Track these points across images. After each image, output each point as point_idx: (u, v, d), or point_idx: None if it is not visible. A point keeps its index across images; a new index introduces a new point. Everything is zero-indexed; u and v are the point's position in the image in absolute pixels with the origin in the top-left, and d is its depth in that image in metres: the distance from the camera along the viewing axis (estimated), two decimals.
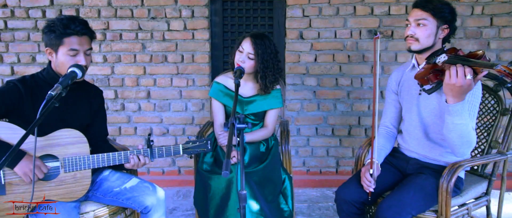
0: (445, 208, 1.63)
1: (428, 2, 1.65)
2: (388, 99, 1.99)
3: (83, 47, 1.63)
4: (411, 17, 1.69)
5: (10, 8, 3.08)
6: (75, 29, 1.59)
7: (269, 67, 2.00)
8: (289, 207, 2.07)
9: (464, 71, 1.38)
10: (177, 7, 3.07)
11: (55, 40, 1.60)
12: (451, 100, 1.47)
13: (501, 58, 3.02)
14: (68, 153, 1.62)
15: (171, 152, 1.73)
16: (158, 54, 3.14)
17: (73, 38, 1.60)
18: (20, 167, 1.52)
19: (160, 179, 3.26)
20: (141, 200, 1.74)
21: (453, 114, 1.49)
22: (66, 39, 1.59)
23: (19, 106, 1.61)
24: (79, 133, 1.65)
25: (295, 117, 3.19)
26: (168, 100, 3.21)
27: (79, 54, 1.62)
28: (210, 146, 1.76)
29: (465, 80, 1.38)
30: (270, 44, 2.01)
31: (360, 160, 2.06)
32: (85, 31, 1.63)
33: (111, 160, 1.67)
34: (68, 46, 1.60)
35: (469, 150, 1.60)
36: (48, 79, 1.68)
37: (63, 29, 1.58)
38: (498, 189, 1.94)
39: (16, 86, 1.62)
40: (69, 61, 1.61)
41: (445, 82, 1.44)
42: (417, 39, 1.67)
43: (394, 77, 1.96)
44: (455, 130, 1.52)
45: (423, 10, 1.65)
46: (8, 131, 1.56)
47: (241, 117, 1.38)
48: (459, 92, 1.43)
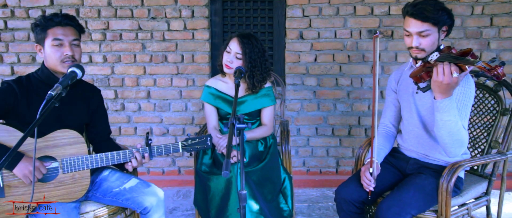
0: (445, 208, 1.63)
1: (425, 11, 1.59)
2: (388, 98, 1.99)
3: (68, 37, 1.63)
4: (411, 29, 1.63)
5: (10, 8, 3.08)
6: (56, 20, 1.61)
7: (256, 66, 2.01)
8: (289, 207, 2.07)
9: (450, 69, 1.42)
10: (177, 7, 3.07)
11: (40, 34, 1.62)
12: (438, 97, 1.51)
13: (501, 58, 3.02)
14: (66, 153, 1.62)
15: (171, 149, 1.72)
16: (158, 54, 3.14)
17: (56, 29, 1.62)
18: (19, 168, 1.51)
19: (160, 179, 3.26)
20: (140, 201, 1.74)
21: (441, 110, 1.52)
22: (49, 31, 1.61)
23: (14, 107, 1.61)
24: (76, 133, 1.65)
25: (295, 117, 3.19)
26: (168, 100, 3.21)
27: (64, 44, 1.62)
28: (209, 143, 1.74)
29: (452, 78, 1.42)
30: (257, 43, 2.02)
31: (360, 160, 2.06)
32: (67, 22, 1.64)
33: (110, 160, 1.67)
34: (52, 36, 1.61)
35: (460, 150, 1.60)
36: (43, 79, 1.68)
37: (45, 22, 1.61)
38: (498, 189, 1.94)
39: (11, 87, 1.62)
40: (55, 52, 1.62)
41: (432, 80, 1.48)
42: (423, 49, 1.65)
43: (394, 76, 1.96)
44: (444, 127, 1.54)
45: (423, 21, 1.60)
46: (4, 134, 1.56)
47: (241, 117, 1.39)
48: (446, 89, 1.47)
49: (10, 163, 1.50)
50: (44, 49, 1.64)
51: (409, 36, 1.67)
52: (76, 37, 1.67)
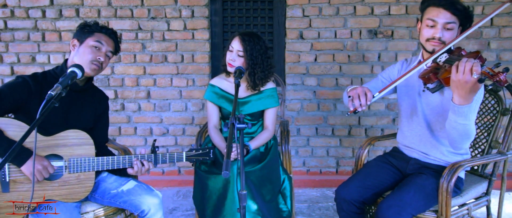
0: (445, 208, 1.63)
1: (457, 4, 1.61)
2: (379, 77, 1.97)
3: (107, 46, 1.74)
4: (439, 19, 1.62)
5: (10, 8, 3.08)
6: (107, 31, 1.76)
7: (258, 63, 2.00)
8: (288, 208, 2.07)
9: (472, 68, 1.33)
10: (177, 7, 3.07)
11: (86, 33, 1.72)
12: (456, 100, 1.44)
13: (501, 58, 3.03)
14: (74, 154, 1.64)
15: (175, 158, 1.79)
16: (158, 54, 3.14)
17: (102, 35, 1.74)
18: (27, 166, 1.53)
19: (160, 179, 3.26)
20: (137, 204, 1.74)
21: (458, 114, 1.46)
22: (97, 33, 1.73)
23: (26, 103, 1.61)
24: (86, 135, 1.67)
25: (295, 117, 3.19)
26: (168, 100, 3.21)
27: (102, 49, 1.72)
28: (212, 155, 1.81)
29: (471, 77, 1.34)
30: (259, 41, 2.02)
31: (360, 160, 2.06)
32: (113, 36, 1.79)
33: (116, 163, 1.69)
34: (96, 38, 1.71)
35: (467, 144, 1.60)
36: (59, 77, 1.67)
37: (97, 28, 1.75)
38: (498, 189, 1.94)
39: (26, 82, 1.62)
40: (91, 52, 1.69)
41: (451, 79, 1.40)
42: (443, 42, 1.64)
43: (398, 66, 1.95)
44: (457, 129, 1.51)
45: (453, 14, 1.61)
46: (17, 129, 1.56)
47: (241, 116, 1.38)
48: (465, 90, 1.38)
49: (19, 160, 1.52)
50: (81, 46, 1.70)
51: (432, 27, 1.65)
52: (113, 50, 1.79)
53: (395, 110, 3.14)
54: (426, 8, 1.68)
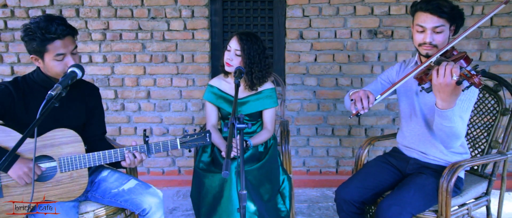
0: (445, 208, 1.63)
1: (442, 7, 1.61)
2: (379, 80, 1.98)
3: (68, 48, 1.59)
4: (427, 24, 1.63)
5: (10, 8, 3.08)
6: (56, 32, 1.52)
7: (255, 63, 2.01)
8: (287, 208, 2.07)
9: (451, 70, 1.37)
10: (177, 7, 3.07)
11: (38, 48, 1.54)
12: (439, 104, 1.49)
13: (501, 58, 3.03)
14: (63, 153, 1.62)
15: (168, 146, 1.68)
16: (158, 54, 3.14)
17: (56, 42, 1.54)
18: (14, 170, 1.51)
19: (160, 179, 3.26)
20: (138, 202, 1.73)
21: (443, 118, 1.51)
22: (49, 46, 1.54)
23: (11, 109, 1.60)
24: (73, 132, 1.64)
25: (295, 117, 3.19)
26: (168, 100, 3.21)
27: (67, 56, 1.59)
28: (208, 139, 1.72)
29: (451, 80, 1.37)
30: (257, 41, 2.02)
31: (360, 160, 2.06)
32: (66, 32, 1.57)
33: (107, 158, 1.65)
34: (53, 52, 1.55)
35: (457, 142, 1.62)
36: (39, 81, 1.67)
37: (43, 36, 1.51)
38: (498, 189, 1.94)
39: (7, 88, 1.61)
40: (57, 66, 1.59)
41: (433, 83, 1.45)
42: (435, 45, 1.65)
43: (396, 68, 1.95)
44: (444, 130, 1.56)
45: (440, 17, 1.62)
46: (1, 134, 1.56)
47: (241, 116, 1.38)
48: (446, 93, 1.42)
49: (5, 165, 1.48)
50: (43, 61, 1.59)
51: (422, 32, 1.66)
52: (75, 45, 1.63)
53: (395, 110, 3.14)
54: (414, 13, 1.70)
